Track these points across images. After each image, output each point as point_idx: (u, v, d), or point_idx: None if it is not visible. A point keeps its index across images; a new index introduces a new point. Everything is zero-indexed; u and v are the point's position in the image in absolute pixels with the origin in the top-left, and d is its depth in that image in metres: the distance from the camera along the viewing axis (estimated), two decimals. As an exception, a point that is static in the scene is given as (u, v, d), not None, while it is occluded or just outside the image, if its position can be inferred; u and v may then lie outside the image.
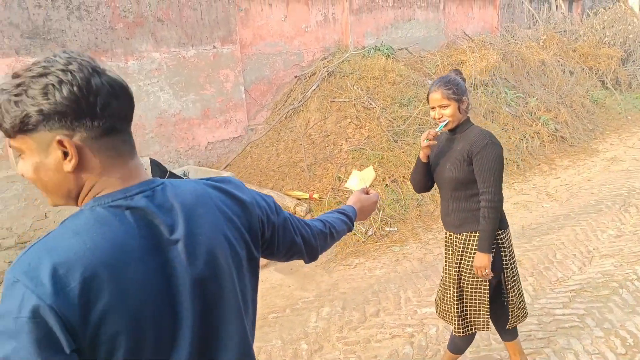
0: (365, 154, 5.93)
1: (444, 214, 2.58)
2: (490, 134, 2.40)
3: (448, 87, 2.38)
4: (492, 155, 2.34)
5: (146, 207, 0.96)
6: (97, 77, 0.93)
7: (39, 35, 4.77)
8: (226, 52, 6.29)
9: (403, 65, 7.54)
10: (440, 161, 2.50)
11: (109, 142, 0.96)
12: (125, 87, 0.98)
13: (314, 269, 4.56)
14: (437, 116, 2.42)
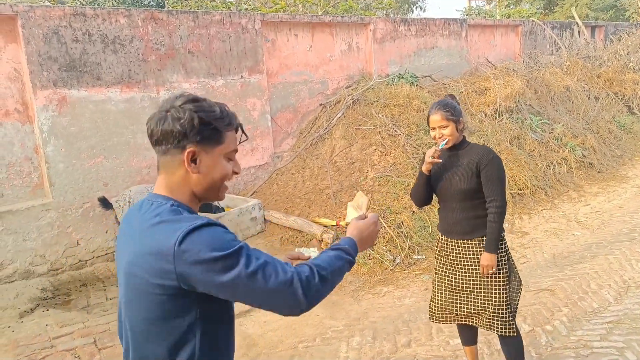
0: (391, 180, 5.93)
1: (449, 223, 2.81)
2: (491, 149, 2.75)
3: (447, 109, 2.68)
4: (498, 167, 2.69)
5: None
6: None
7: (75, 68, 4.95)
8: (253, 81, 6.42)
9: (427, 92, 7.59)
10: (444, 176, 2.76)
11: None
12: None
13: (343, 297, 4.53)
14: (437, 135, 2.71)
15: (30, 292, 4.58)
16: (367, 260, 5.03)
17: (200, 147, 1.31)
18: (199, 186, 1.35)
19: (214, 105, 1.35)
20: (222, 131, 1.34)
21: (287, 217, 5.68)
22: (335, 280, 1.34)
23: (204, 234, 1.20)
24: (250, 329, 4.04)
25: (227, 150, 1.36)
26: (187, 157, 1.30)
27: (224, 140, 1.35)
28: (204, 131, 1.31)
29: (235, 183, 6.45)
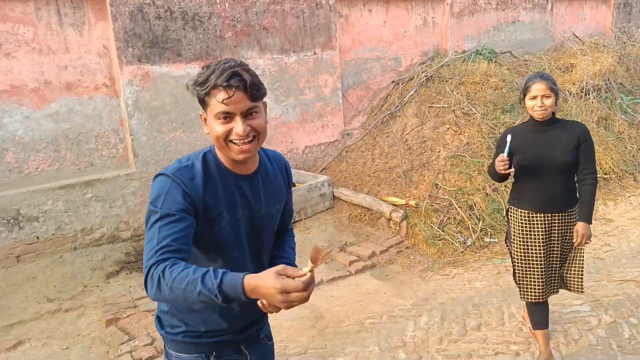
0: (464, 161, 5.75)
1: (548, 198, 2.87)
2: (585, 125, 2.88)
3: (550, 79, 2.76)
4: (593, 143, 2.85)
5: None
6: None
7: (158, 44, 5.16)
8: (326, 57, 6.40)
9: (506, 69, 7.23)
10: (540, 151, 2.80)
11: None
12: None
13: (411, 276, 4.49)
14: (538, 105, 2.73)
15: (116, 255, 4.92)
16: (436, 242, 4.95)
17: (203, 111, 1.48)
18: (214, 143, 1.52)
19: (203, 73, 1.43)
20: (205, 94, 1.42)
21: (356, 195, 5.68)
22: (175, 296, 1.24)
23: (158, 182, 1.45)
24: (317, 302, 4.12)
25: (214, 112, 1.42)
26: (201, 118, 1.53)
27: (209, 103, 1.43)
28: (198, 95, 1.45)
29: (305, 159, 6.52)
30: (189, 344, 1.62)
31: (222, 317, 1.62)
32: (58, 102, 4.80)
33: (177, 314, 1.61)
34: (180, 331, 1.62)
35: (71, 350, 3.56)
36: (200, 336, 1.62)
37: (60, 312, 4.03)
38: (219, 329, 1.63)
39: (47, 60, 4.70)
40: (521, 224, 2.97)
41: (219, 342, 1.64)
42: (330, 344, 3.50)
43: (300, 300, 1.15)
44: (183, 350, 1.63)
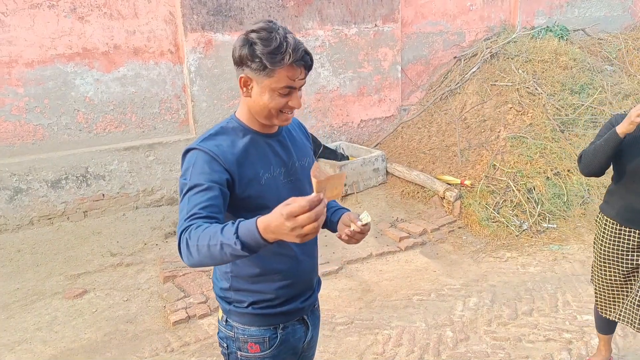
0: (526, 142, 5.54)
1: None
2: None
3: None
4: None
5: None
6: None
7: (221, 12, 5.22)
8: (387, 30, 6.27)
9: (578, 48, 6.83)
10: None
11: None
12: None
13: (462, 256, 4.44)
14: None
15: (174, 216, 5.13)
16: (490, 223, 4.84)
17: (252, 76, 1.41)
18: (252, 109, 1.48)
19: (274, 40, 1.35)
20: (271, 68, 1.37)
21: (409, 171, 5.61)
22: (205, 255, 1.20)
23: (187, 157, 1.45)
24: (366, 275, 4.15)
25: (277, 86, 1.40)
26: (240, 81, 1.44)
27: (273, 75, 1.38)
28: (252, 63, 1.38)
29: (360, 133, 6.49)
30: (258, 316, 1.60)
31: (289, 283, 1.61)
32: (126, 67, 4.98)
33: (241, 287, 1.59)
34: (248, 303, 1.59)
35: (131, 302, 3.78)
36: (269, 306, 1.60)
37: (122, 266, 4.27)
38: (287, 296, 1.63)
39: (117, 25, 4.86)
40: (608, 238, 2.50)
41: (286, 311, 1.63)
42: (377, 317, 3.54)
43: (309, 222, 1.05)
44: (251, 323, 1.61)
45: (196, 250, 1.20)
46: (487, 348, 3.14)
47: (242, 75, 1.42)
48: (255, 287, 1.59)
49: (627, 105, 6.10)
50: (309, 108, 6.00)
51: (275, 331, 1.62)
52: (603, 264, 2.55)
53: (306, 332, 1.73)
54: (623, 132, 2.22)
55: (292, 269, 1.63)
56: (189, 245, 1.22)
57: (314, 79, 5.92)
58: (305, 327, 1.73)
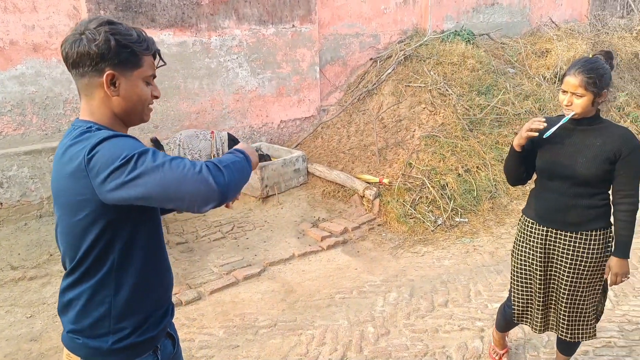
0: (439, 141, 5.80)
1: (552, 210, 2.36)
2: (633, 134, 2.24)
3: (591, 75, 2.13)
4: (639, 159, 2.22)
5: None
6: None
7: (131, 8, 4.98)
8: (304, 31, 6.30)
9: (483, 51, 7.26)
10: (564, 152, 2.27)
11: None
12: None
13: (381, 253, 4.55)
14: (566, 103, 2.20)
15: (83, 224, 4.80)
16: (407, 220, 5.01)
17: (118, 70, 1.32)
18: (120, 109, 1.36)
19: (131, 29, 1.35)
20: (139, 55, 1.35)
21: (330, 171, 5.67)
22: (238, 170, 1.31)
23: (107, 145, 1.22)
24: (288, 276, 4.14)
25: (146, 74, 1.38)
26: (106, 79, 1.31)
27: (142, 64, 1.36)
28: (122, 54, 1.31)
29: (280, 134, 6.47)
30: (138, 345, 1.44)
31: (164, 295, 1.53)
32: (24, 64, 4.60)
33: (124, 311, 1.39)
34: (130, 331, 1.41)
35: (36, 318, 3.49)
36: (148, 328, 1.46)
37: (24, 280, 3.94)
38: (159, 308, 1.51)
39: (13, 19, 4.48)
40: (522, 233, 2.51)
41: (161, 329, 1.51)
42: (300, 317, 3.53)
43: None
44: (132, 355, 1.44)
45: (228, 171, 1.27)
46: (407, 341, 3.24)
47: (108, 72, 1.30)
48: (140, 306, 1.44)
49: (527, 105, 6.57)
50: (228, 109, 5.88)
51: (155, 355, 1.50)
52: (521, 267, 2.52)
53: (174, 345, 1.63)
54: (516, 145, 2.29)
55: (168, 278, 1.56)
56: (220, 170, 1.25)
57: (231, 79, 5.82)
58: (172, 340, 1.63)
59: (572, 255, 2.35)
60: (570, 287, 2.39)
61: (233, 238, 4.74)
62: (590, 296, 2.41)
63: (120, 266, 1.36)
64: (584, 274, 2.36)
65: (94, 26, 1.29)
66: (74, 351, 1.42)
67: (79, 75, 1.33)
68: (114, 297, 1.37)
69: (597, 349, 3.10)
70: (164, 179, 1.18)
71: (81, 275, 1.36)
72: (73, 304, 1.39)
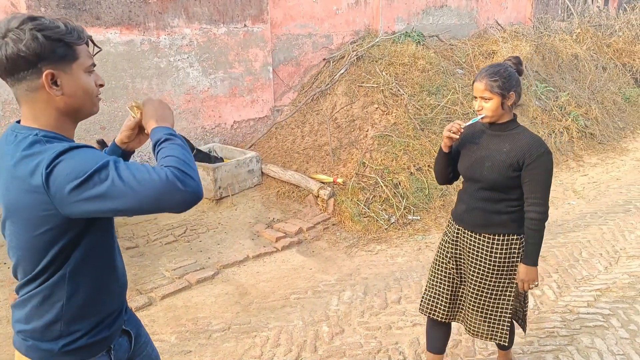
0: (391, 140, 5.89)
1: (463, 210, 2.44)
2: (543, 141, 2.27)
3: (494, 78, 2.20)
4: (548, 166, 2.23)
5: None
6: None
7: (74, 5, 4.79)
8: (256, 31, 6.26)
9: (433, 52, 7.43)
10: (477, 156, 2.34)
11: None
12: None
13: (336, 252, 4.57)
14: (477, 108, 2.27)
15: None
16: (362, 219, 5.06)
17: (57, 67, 1.26)
18: (67, 107, 1.31)
19: (57, 21, 1.27)
20: (73, 46, 1.28)
21: (284, 172, 5.66)
22: (191, 159, 1.31)
23: (66, 161, 1.18)
24: (243, 278, 4.10)
25: (85, 65, 1.32)
26: (46, 79, 1.25)
27: (78, 55, 1.30)
28: (56, 49, 1.24)
29: (234, 135, 6.40)
30: (91, 344, 1.42)
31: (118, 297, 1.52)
32: (-43, 63, 4.35)
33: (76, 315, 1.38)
34: (82, 334, 1.39)
35: (-27, 332, 3.31)
36: (101, 329, 1.44)
37: (-40, 292, 3.72)
38: (114, 310, 1.49)
39: (-56, 16, 4.23)
40: (445, 230, 2.61)
41: (115, 329, 1.49)
42: (255, 320, 3.50)
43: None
44: (85, 355, 1.41)
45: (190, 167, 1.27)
46: (361, 339, 3.27)
47: (46, 71, 1.24)
48: (94, 310, 1.41)
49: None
50: (179, 109, 5.76)
51: (109, 354, 1.48)
52: (436, 261, 2.59)
53: (130, 341, 1.59)
54: (443, 145, 2.39)
55: (122, 281, 1.53)
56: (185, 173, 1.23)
57: (182, 79, 5.70)
58: (129, 336, 1.59)
59: (475, 255, 2.41)
60: (474, 286, 2.44)
61: (186, 241, 4.65)
62: (497, 299, 2.41)
63: (74, 273, 1.33)
64: (487, 276, 2.39)
65: (15, 25, 1.21)
66: (25, 354, 1.39)
67: (15, 82, 1.25)
68: (66, 302, 1.34)
69: (541, 339, 3.23)
70: (136, 195, 1.17)
71: (34, 280, 1.33)
72: (25, 306, 1.36)
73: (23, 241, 1.29)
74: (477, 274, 2.42)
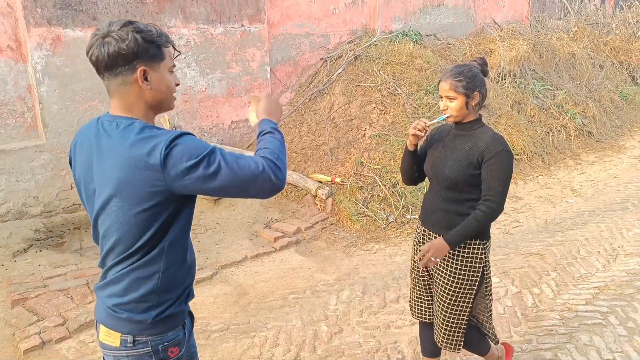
0: (389, 139, 5.89)
1: (428, 210, 2.43)
2: (503, 140, 2.24)
3: (459, 78, 2.20)
4: (505, 164, 2.20)
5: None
6: None
7: (70, 6, 4.78)
8: (254, 30, 6.25)
9: (430, 51, 7.43)
10: (440, 155, 2.33)
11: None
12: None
13: (334, 252, 4.57)
14: (442, 107, 2.27)
15: (24, 232, 4.59)
16: (360, 218, 5.06)
17: (148, 65, 1.45)
18: (154, 100, 1.50)
19: (149, 26, 1.47)
20: (162, 48, 1.48)
21: (282, 171, 5.65)
22: (284, 153, 1.55)
23: (182, 144, 1.37)
24: (241, 278, 4.09)
25: (169, 65, 1.51)
26: (140, 75, 1.44)
27: (164, 56, 1.49)
28: (149, 49, 1.44)
29: (232, 135, 6.39)
30: (175, 315, 1.57)
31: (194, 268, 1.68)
32: (-47, 64, 4.34)
33: (168, 285, 1.53)
34: (170, 304, 1.54)
35: (-29, 334, 3.30)
36: (182, 301, 1.59)
37: (-42, 294, 3.71)
38: (190, 282, 1.64)
39: (-60, 17, 4.21)
40: (415, 231, 2.60)
41: (187, 303, 1.65)
42: (253, 320, 3.50)
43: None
44: (169, 327, 1.55)
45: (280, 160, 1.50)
46: (360, 338, 3.27)
47: (140, 68, 1.43)
48: (179, 281, 1.57)
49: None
50: (176, 109, 5.75)
51: (183, 329, 1.63)
52: (412, 263, 2.58)
53: (192, 322, 1.75)
54: (408, 145, 2.38)
55: (194, 254, 1.69)
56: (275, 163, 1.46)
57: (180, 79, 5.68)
58: (191, 318, 1.75)
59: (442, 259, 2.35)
60: (438, 289, 2.40)
61: (184, 242, 4.64)
62: (455, 305, 2.35)
63: (170, 246, 1.49)
64: (447, 280, 2.34)
65: (117, 28, 1.41)
66: (115, 328, 1.50)
67: (112, 76, 1.44)
68: (162, 274, 1.50)
69: (539, 337, 3.23)
70: (236, 178, 1.39)
71: (135, 254, 1.47)
72: (122, 280, 1.48)
73: (128, 216, 1.42)
74: (440, 277, 2.38)
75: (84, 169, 1.51)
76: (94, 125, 1.51)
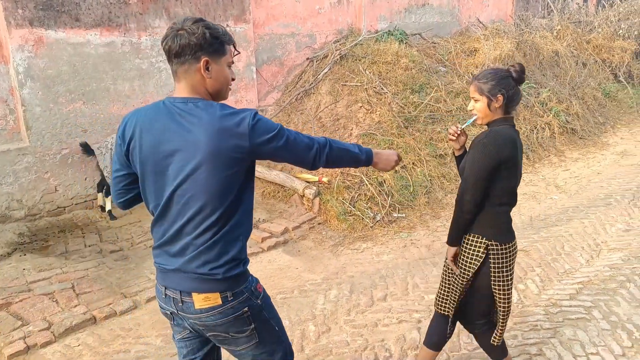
0: (376, 139, 5.91)
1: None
2: (492, 136, 2.24)
3: (484, 80, 2.27)
4: (480, 152, 2.22)
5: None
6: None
7: (52, 7, 4.73)
8: (239, 31, 6.23)
9: (416, 51, 7.47)
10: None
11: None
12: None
13: (322, 252, 4.58)
14: (469, 108, 2.36)
15: (7, 236, 4.53)
16: (347, 217, 5.07)
17: (211, 57, 1.67)
18: (212, 88, 1.72)
19: (217, 25, 1.71)
20: (225, 44, 1.71)
21: (269, 172, 5.65)
22: (341, 155, 1.88)
23: (262, 120, 1.66)
24: (229, 279, 4.08)
25: (229, 61, 1.73)
26: (203, 65, 1.66)
27: (226, 52, 1.72)
28: (214, 44, 1.67)
29: (218, 135, 6.35)
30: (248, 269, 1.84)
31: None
32: None
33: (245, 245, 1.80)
34: (246, 260, 1.81)
35: (-46, 340, 3.25)
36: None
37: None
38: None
39: None
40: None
41: None
42: (241, 320, 3.49)
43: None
44: (249, 272, 1.84)
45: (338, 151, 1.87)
46: (347, 337, 3.28)
47: (204, 58, 1.65)
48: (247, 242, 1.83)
49: (458, 103, 6.83)
50: (162, 111, 5.71)
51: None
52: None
53: None
54: (454, 151, 2.56)
55: None
56: (332, 148, 1.84)
57: (165, 80, 5.66)
58: None
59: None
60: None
61: (171, 243, 4.62)
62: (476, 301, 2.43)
63: (247, 207, 1.76)
64: (464, 274, 2.38)
65: (190, 23, 1.64)
66: (212, 290, 1.70)
67: (179, 63, 1.66)
68: (243, 236, 1.77)
69: (524, 332, 3.27)
70: (295, 149, 1.74)
71: (222, 219, 1.68)
72: (214, 247, 1.69)
73: (214, 182, 1.63)
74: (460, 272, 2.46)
75: (153, 148, 1.67)
76: (160, 108, 1.69)
